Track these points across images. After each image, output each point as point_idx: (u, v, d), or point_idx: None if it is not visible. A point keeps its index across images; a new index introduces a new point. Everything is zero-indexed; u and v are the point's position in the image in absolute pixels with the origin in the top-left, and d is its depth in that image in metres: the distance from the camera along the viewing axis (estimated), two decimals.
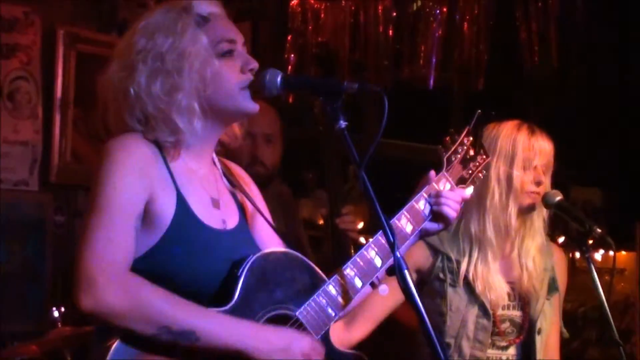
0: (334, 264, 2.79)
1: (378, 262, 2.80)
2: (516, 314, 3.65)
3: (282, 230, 4.59)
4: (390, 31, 5.71)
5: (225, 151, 2.95)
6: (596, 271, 3.54)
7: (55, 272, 5.49)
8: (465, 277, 3.58)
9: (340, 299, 2.72)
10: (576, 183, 4.50)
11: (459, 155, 3.06)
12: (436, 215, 2.94)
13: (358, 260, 2.77)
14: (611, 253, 3.72)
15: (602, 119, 6.32)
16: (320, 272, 2.75)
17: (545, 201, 3.58)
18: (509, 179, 3.57)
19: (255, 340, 2.54)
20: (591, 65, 6.20)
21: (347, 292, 2.73)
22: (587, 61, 6.14)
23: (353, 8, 5.64)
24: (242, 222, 2.82)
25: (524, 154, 3.59)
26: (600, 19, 5.82)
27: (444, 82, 5.78)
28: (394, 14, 5.70)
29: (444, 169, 3.02)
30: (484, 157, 3.13)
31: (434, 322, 3.54)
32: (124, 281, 2.46)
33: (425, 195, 2.94)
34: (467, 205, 3.51)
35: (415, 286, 3.40)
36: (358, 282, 2.76)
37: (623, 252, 6.21)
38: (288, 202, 4.92)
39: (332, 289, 2.71)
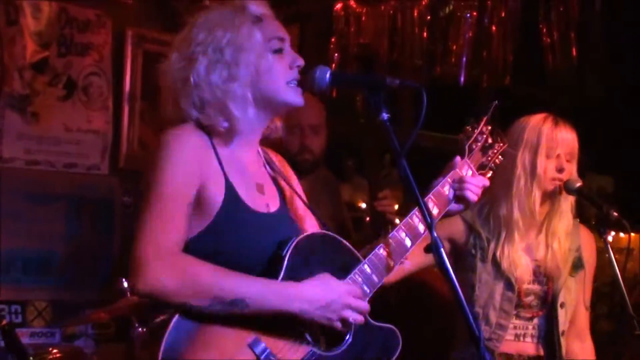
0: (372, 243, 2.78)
1: (408, 242, 2.79)
2: (540, 288, 3.62)
3: (322, 212, 4.63)
4: (425, 33, 5.69)
5: (273, 141, 2.97)
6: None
7: (122, 247, 5.52)
8: (493, 255, 3.58)
9: (374, 277, 2.70)
10: (590, 171, 4.47)
11: (479, 144, 3.06)
12: (459, 198, 2.93)
13: (390, 241, 2.76)
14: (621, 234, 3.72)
15: (616, 114, 6.28)
16: (356, 252, 2.73)
17: (567, 187, 3.57)
18: (533, 166, 3.56)
19: (299, 301, 2.53)
20: (607, 63, 6.15)
21: (381, 270, 2.72)
22: (603, 59, 6.09)
23: (391, 12, 5.63)
24: (282, 206, 2.80)
25: (548, 144, 3.57)
26: (618, 21, 5.78)
27: (473, 80, 5.76)
28: (428, 17, 5.68)
29: (466, 156, 3.02)
30: (502, 144, 3.13)
31: (465, 293, 3.56)
32: (174, 261, 2.46)
33: (449, 180, 2.94)
34: (496, 190, 3.55)
35: (448, 258, 3.45)
36: (390, 262, 2.74)
37: (633, 234, 6.19)
38: (332, 186, 4.92)
39: (367, 268, 2.70)
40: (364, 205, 6.36)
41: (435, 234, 2.54)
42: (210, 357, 2.42)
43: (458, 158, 3.00)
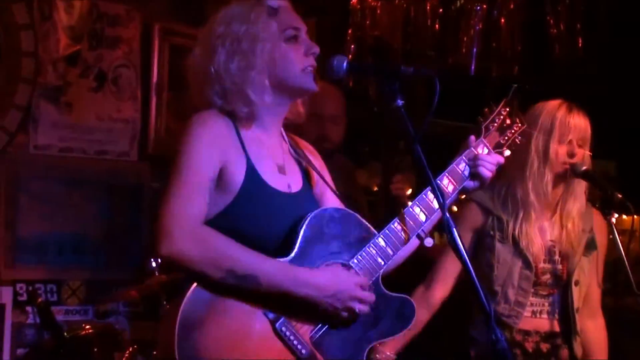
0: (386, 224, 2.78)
1: (422, 217, 2.79)
2: (556, 267, 3.61)
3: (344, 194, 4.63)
4: (437, 25, 5.68)
5: (294, 128, 2.96)
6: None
7: (151, 229, 5.50)
8: (513, 235, 3.56)
9: (388, 250, 2.71)
10: (594, 156, 4.45)
11: (495, 124, 3.03)
12: (474, 175, 2.92)
13: (405, 216, 2.76)
14: (624, 216, 3.71)
15: (620, 102, 6.26)
16: (371, 227, 2.74)
17: (573, 170, 3.56)
18: (546, 151, 3.55)
19: (307, 287, 2.54)
20: (610, 53, 6.13)
21: (395, 243, 2.72)
22: (606, 49, 6.08)
23: (405, 5, 5.61)
24: (305, 186, 2.81)
25: (560, 129, 3.57)
26: (620, 12, 5.76)
27: (483, 70, 5.75)
28: (440, 10, 5.67)
29: (482, 135, 3.00)
30: (520, 125, 3.09)
31: (484, 272, 3.57)
32: (196, 232, 2.49)
33: (465, 158, 2.93)
34: (512, 173, 3.57)
35: (471, 244, 3.45)
36: (404, 235, 2.74)
37: (636, 216, 6.18)
38: (349, 172, 4.91)
39: (381, 241, 2.71)
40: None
41: (447, 215, 2.53)
42: (225, 322, 2.45)
43: (473, 137, 2.99)
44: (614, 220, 3.64)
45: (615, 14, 5.66)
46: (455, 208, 3.41)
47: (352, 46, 5.73)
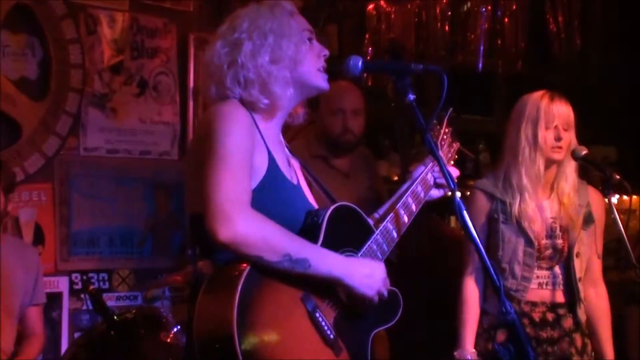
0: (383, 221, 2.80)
1: (413, 207, 2.86)
2: (558, 242, 3.59)
3: (361, 185, 4.61)
4: (447, 27, 5.66)
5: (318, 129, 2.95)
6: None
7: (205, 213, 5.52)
8: (515, 216, 3.55)
9: (384, 246, 2.73)
10: (595, 142, 4.43)
11: (445, 142, 3.12)
12: (438, 185, 2.98)
13: (400, 210, 2.80)
14: (624, 197, 3.68)
15: (617, 92, 6.22)
16: (370, 223, 2.75)
17: (574, 155, 3.55)
18: (535, 137, 3.54)
19: (349, 269, 2.52)
20: (606, 48, 6.10)
21: (389, 240, 2.75)
22: (603, 44, 6.05)
23: (417, 10, 5.60)
24: (298, 180, 2.77)
25: (546, 117, 3.54)
26: (613, 10, 5.73)
27: (490, 66, 5.72)
28: (449, 13, 5.65)
29: (439, 149, 3.01)
30: (457, 143, 3.20)
31: (492, 252, 3.56)
32: (253, 217, 2.40)
33: (430, 169, 2.97)
34: (507, 161, 3.61)
35: (483, 228, 3.43)
36: (394, 234, 2.77)
37: (635, 197, 6.14)
38: (370, 163, 4.90)
39: (379, 237, 2.72)
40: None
41: (457, 198, 2.51)
42: (271, 308, 2.39)
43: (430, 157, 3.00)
44: (614, 200, 3.62)
45: (610, 7, 5.63)
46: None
47: (370, 48, 5.72)
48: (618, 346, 5.75)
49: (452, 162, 3.15)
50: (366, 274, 2.56)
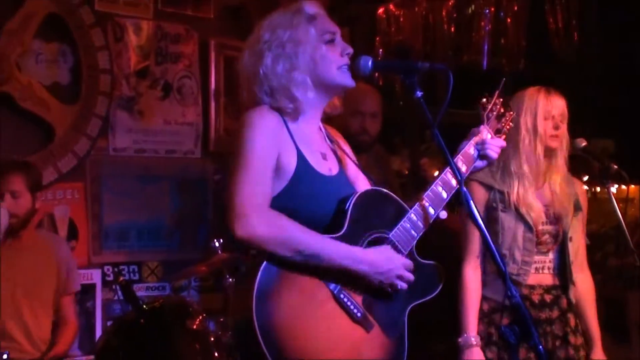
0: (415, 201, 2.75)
1: (444, 194, 2.75)
2: (553, 228, 3.59)
3: (376, 179, 4.61)
4: (452, 28, 5.64)
5: (332, 120, 2.96)
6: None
7: (215, 215, 5.54)
8: (513, 204, 3.54)
9: (420, 223, 2.68)
10: (595, 135, 4.42)
11: (494, 113, 3.03)
12: (482, 157, 2.90)
13: (430, 194, 2.73)
14: (624, 187, 3.67)
15: (614, 87, 6.19)
16: (404, 203, 2.72)
17: (574, 146, 3.57)
18: (535, 127, 3.55)
19: (361, 263, 2.53)
20: (602, 45, 6.08)
21: (424, 217, 2.70)
22: (599, 42, 6.02)
23: (424, 12, 5.58)
24: (341, 170, 2.78)
25: (544, 108, 3.56)
26: (609, 9, 5.70)
27: (494, 65, 5.70)
28: (455, 15, 5.63)
29: (485, 123, 2.99)
30: (511, 112, 3.11)
31: (492, 240, 3.52)
32: (268, 215, 2.46)
33: (473, 143, 2.90)
34: (507, 152, 3.52)
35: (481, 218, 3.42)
36: (431, 210, 2.72)
37: (632, 186, 6.13)
38: (384, 159, 4.91)
39: (413, 216, 2.68)
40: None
41: (464, 188, 2.51)
42: (293, 293, 2.43)
43: (480, 127, 2.97)
44: (613, 190, 3.62)
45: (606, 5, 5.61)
46: None
47: (381, 50, 5.71)
48: (619, 329, 5.75)
49: (503, 135, 3.06)
50: (379, 269, 2.56)
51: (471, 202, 2.49)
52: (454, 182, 2.76)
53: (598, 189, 6.48)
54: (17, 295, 4.17)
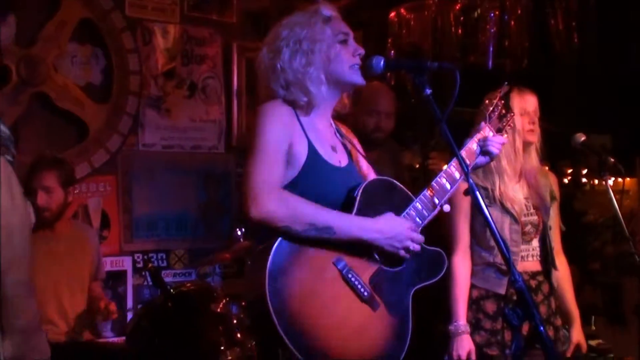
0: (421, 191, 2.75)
1: (448, 186, 2.75)
2: (534, 218, 3.57)
3: (388, 173, 4.60)
4: (460, 31, 5.61)
5: (351, 120, 2.96)
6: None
7: (237, 206, 5.55)
8: (498, 198, 3.52)
9: (424, 212, 2.69)
10: (593, 131, 4.41)
11: (496, 113, 3.04)
12: (485, 153, 2.91)
13: (435, 185, 2.73)
14: (620, 179, 3.66)
15: (612, 86, 6.16)
16: (409, 192, 2.72)
17: (573, 141, 3.55)
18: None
19: (373, 231, 2.53)
20: (601, 46, 6.04)
21: (429, 206, 2.70)
22: (598, 43, 5.99)
23: (433, 16, 5.55)
24: (350, 162, 2.78)
25: (519, 105, 3.54)
26: (607, 13, 5.66)
27: (498, 65, 5.67)
28: (462, 18, 5.60)
29: (487, 121, 2.99)
30: (512, 114, 3.12)
31: (480, 233, 3.53)
32: (279, 194, 2.46)
33: (476, 139, 2.91)
34: None
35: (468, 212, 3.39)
36: (436, 200, 2.72)
37: (628, 179, 6.11)
38: (396, 154, 4.89)
39: (419, 204, 2.68)
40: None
41: (471, 180, 2.49)
42: (303, 271, 2.42)
43: (482, 123, 2.98)
44: (610, 182, 3.60)
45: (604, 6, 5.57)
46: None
47: (392, 51, 5.69)
48: (615, 313, 5.73)
49: (504, 133, 3.07)
50: (390, 235, 2.55)
51: (477, 193, 2.48)
52: (457, 175, 2.78)
53: (596, 181, 6.47)
54: (54, 280, 4.20)
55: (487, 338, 3.44)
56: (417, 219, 2.67)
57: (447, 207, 2.76)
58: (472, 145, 2.90)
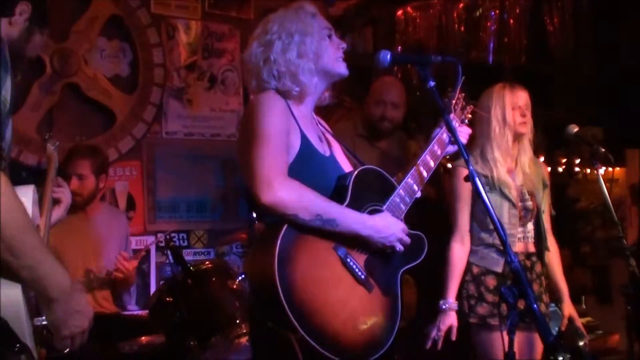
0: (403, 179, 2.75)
1: (425, 173, 2.78)
2: (529, 203, 3.57)
3: (396, 161, 4.59)
4: (462, 28, 5.60)
5: (361, 111, 2.92)
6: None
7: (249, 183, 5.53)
8: (496, 184, 3.52)
9: (407, 198, 2.69)
10: (585, 123, 4.40)
11: (458, 105, 3.06)
12: (453, 142, 2.87)
13: (415, 172, 2.74)
14: (610, 169, 3.64)
15: (603, 81, 6.14)
16: (393, 180, 2.70)
17: (566, 133, 3.55)
18: (504, 117, 3.57)
19: (370, 229, 2.51)
20: (594, 44, 6.02)
21: (410, 193, 2.71)
22: (591, 41, 5.97)
23: (438, 14, 5.55)
24: (331, 152, 2.74)
25: (511, 99, 3.57)
26: (599, 13, 5.64)
27: (498, 60, 5.66)
28: (464, 17, 5.59)
29: (453, 113, 3.00)
30: (471, 105, 3.15)
31: (481, 218, 3.52)
32: (290, 183, 2.40)
33: (445, 130, 2.89)
34: (481, 142, 3.59)
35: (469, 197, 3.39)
36: (415, 187, 2.73)
37: (617, 168, 6.10)
38: (403, 143, 4.86)
39: (402, 191, 2.68)
40: None
41: (471, 166, 2.48)
42: (307, 257, 2.39)
43: (449, 115, 2.95)
44: (601, 171, 3.60)
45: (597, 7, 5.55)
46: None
47: (399, 47, 5.67)
48: (604, 292, 5.70)
49: (466, 122, 3.10)
50: (383, 233, 2.54)
51: (477, 179, 2.47)
52: (432, 163, 2.81)
53: (588, 170, 6.45)
54: (86, 258, 4.22)
55: (490, 310, 3.46)
56: (401, 205, 2.67)
57: (418, 193, 2.76)
58: (443, 135, 2.90)
